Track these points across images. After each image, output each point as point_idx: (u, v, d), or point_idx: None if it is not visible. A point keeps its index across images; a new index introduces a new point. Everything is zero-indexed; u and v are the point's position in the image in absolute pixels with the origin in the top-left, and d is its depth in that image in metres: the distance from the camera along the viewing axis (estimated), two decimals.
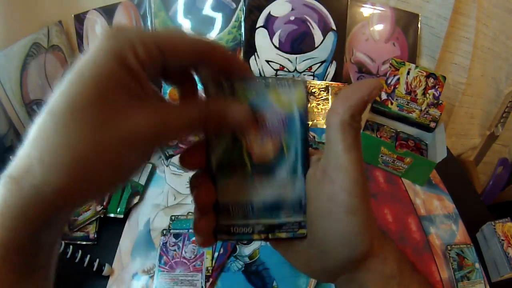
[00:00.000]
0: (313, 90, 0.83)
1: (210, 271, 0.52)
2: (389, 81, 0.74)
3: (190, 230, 0.57)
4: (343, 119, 0.22)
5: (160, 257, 0.54)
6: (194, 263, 0.53)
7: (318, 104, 0.83)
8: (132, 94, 0.19)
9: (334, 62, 0.84)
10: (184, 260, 0.53)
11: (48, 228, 0.19)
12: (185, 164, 0.24)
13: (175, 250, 0.54)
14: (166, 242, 0.55)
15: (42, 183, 0.18)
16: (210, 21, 0.82)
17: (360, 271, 0.25)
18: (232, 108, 0.23)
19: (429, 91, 0.72)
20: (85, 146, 0.18)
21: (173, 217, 0.60)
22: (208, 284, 0.51)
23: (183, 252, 0.54)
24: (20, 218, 0.18)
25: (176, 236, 0.56)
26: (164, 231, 0.57)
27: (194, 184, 0.24)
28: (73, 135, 0.18)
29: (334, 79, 0.85)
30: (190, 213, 0.60)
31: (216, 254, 0.54)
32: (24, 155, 0.18)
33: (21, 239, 0.18)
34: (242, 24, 0.81)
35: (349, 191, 0.22)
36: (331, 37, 0.82)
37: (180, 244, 0.55)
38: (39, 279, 0.20)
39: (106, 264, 0.52)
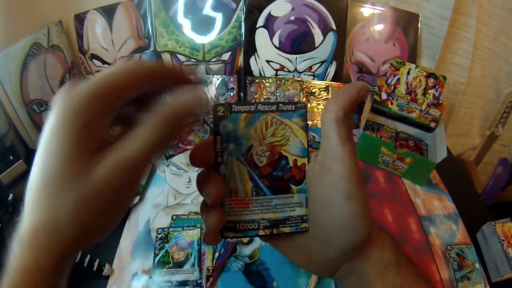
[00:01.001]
0: (313, 90, 0.83)
1: (211, 271, 0.52)
2: (389, 81, 0.74)
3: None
4: (337, 116, 0.24)
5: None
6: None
7: (318, 104, 0.83)
8: (93, 151, 0.21)
9: (334, 62, 0.84)
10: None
11: (59, 273, 0.22)
12: (195, 162, 0.25)
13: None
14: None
15: (54, 241, 0.21)
16: (210, 21, 0.82)
17: (359, 260, 0.26)
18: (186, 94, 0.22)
19: (429, 91, 0.72)
20: (76, 206, 0.20)
21: (174, 217, 0.60)
22: (208, 284, 0.51)
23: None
24: (36, 269, 0.20)
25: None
26: (159, 230, 0.57)
27: (204, 181, 0.25)
28: (64, 201, 0.20)
29: (334, 79, 0.85)
30: (192, 213, 0.60)
31: (216, 255, 0.54)
32: (34, 217, 0.21)
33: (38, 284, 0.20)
34: (242, 24, 0.81)
35: (347, 179, 0.24)
36: (331, 37, 0.82)
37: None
38: None
39: (106, 264, 0.52)
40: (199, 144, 0.25)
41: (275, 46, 0.82)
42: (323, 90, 0.84)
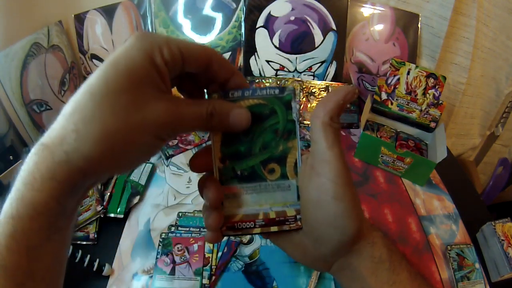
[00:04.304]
0: (313, 90, 0.83)
1: (214, 270, 0.52)
2: (389, 81, 0.74)
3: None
4: (324, 121, 0.26)
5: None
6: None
7: None
8: (156, 88, 0.22)
9: (334, 62, 0.84)
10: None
11: (73, 192, 0.22)
12: (194, 168, 0.27)
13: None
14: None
15: (74, 150, 0.20)
16: (210, 21, 0.82)
17: (352, 256, 0.28)
18: (234, 110, 0.26)
19: (429, 91, 0.72)
20: (116, 123, 0.21)
21: (180, 214, 0.60)
22: (210, 282, 0.51)
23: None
24: (49, 181, 0.20)
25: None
26: (172, 228, 0.57)
27: (204, 185, 0.27)
28: (107, 112, 0.21)
29: (334, 79, 0.85)
30: (196, 211, 0.61)
31: (219, 254, 0.54)
32: (58, 126, 0.21)
33: (48, 200, 0.20)
34: (242, 24, 0.81)
35: (334, 181, 0.25)
36: (331, 37, 0.82)
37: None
38: (56, 242, 0.22)
39: (106, 264, 0.52)
40: (198, 152, 0.28)
41: (275, 46, 0.82)
42: (323, 90, 0.84)
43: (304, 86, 0.83)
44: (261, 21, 0.81)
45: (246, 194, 0.28)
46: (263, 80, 0.83)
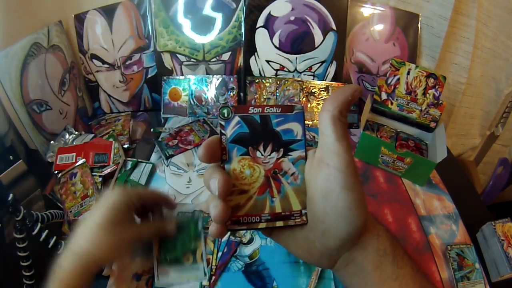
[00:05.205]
0: (313, 90, 0.83)
1: (214, 270, 0.52)
2: (389, 81, 0.74)
3: None
4: (333, 115, 0.26)
5: None
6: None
7: (318, 104, 0.83)
8: (128, 221, 0.42)
9: (334, 62, 0.84)
10: None
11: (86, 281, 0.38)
12: (203, 158, 0.28)
13: None
14: None
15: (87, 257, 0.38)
16: (210, 21, 0.82)
17: (357, 249, 0.28)
18: (168, 226, 0.46)
19: (429, 91, 0.72)
20: (112, 240, 0.40)
21: (179, 214, 0.60)
22: (210, 282, 0.51)
23: None
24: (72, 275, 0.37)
25: None
26: None
27: (211, 176, 0.28)
28: (107, 236, 0.39)
29: (334, 79, 0.85)
30: (196, 211, 0.61)
31: (219, 254, 0.54)
32: (76, 246, 0.39)
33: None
34: (242, 24, 0.81)
35: (343, 171, 0.26)
36: (331, 37, 0.82)
37: None
38: None
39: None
40: (207, 142, 0.28)
41: (275, 46, 0.82)
42: (323, 90, 0.84)
43: (304, 86, 0.83)
44: (261, 21, 0.81)
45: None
46: (263, 80, 0.83)
